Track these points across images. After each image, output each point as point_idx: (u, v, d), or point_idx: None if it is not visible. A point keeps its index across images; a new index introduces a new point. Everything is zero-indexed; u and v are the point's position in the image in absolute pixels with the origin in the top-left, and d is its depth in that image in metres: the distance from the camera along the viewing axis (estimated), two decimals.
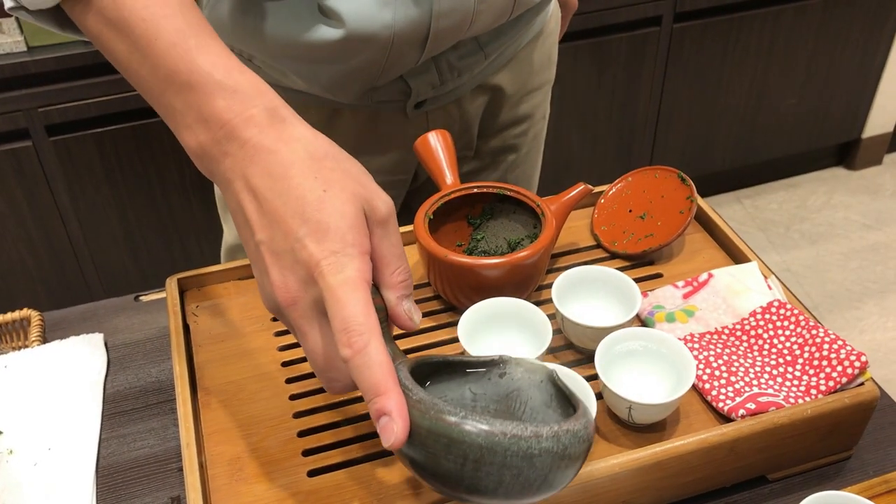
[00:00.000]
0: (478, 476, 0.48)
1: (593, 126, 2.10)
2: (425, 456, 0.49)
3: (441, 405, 0.48)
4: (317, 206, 0.51)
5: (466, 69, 0.87)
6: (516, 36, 0.90)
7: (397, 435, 0.47)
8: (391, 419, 0.48)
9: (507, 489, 0.48)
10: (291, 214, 0.51)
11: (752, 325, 0.73)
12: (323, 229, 0.50)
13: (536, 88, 0.99)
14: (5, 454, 0.71)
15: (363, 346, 0.48)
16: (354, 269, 0.49)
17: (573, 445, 0.49)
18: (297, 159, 0.52)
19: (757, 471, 0.68)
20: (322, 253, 0.49)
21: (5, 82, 1.56)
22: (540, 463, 0.48)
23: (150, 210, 1.79)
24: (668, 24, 2.00)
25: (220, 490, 0.63)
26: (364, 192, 0.53)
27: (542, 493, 0.50)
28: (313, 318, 0.52)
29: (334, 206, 0.51)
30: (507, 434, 0.47)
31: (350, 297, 0.48)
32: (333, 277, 0.49)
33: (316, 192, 0.51)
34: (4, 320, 0.85)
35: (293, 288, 0.51)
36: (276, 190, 0.51)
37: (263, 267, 0.52)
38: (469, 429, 0.47)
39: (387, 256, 0.53)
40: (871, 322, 2.11)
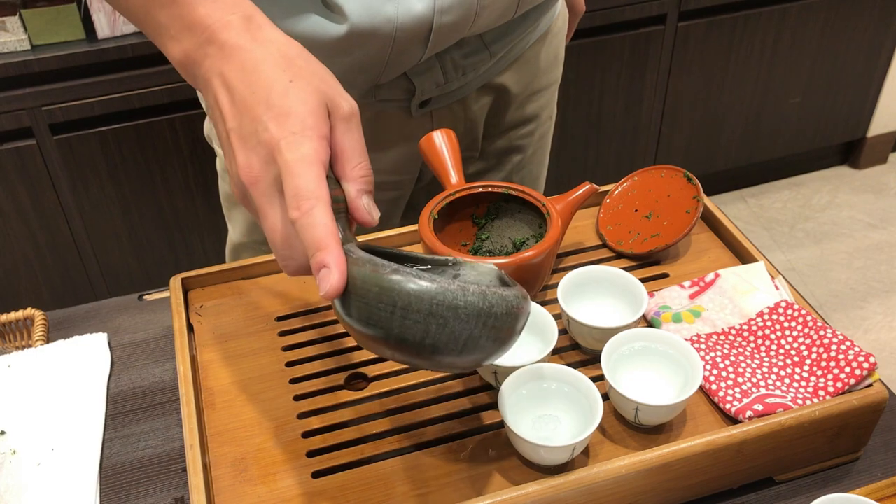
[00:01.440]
0: (405, 324, 0.49)
1: (597, 124, 2.10)
2: (359, 306, 0.51)
3: (377, 260, 0.51)
4: (282, 93, 0.54)
5: (471, 68, 0.86)
6: (522, 35, 0.89)
7: (333, 283, 0.51)
8: (329, 270, 0.51)
9: (434, 340, 0.50)
10: (258, 102, 0.55)
11: (760, 325, 0.73)
12: (285, 113, 0.54)
13: (543, 88, 0.98)
14: (8, 454, 0.71)
15: (309, 208, 0.51)
16: (311, 148, 0.53)
17: (499, 306, 0.50)
18: (269, 56, 0.56)
19: (764, 472, 0.67)
20: (282, 133, 0.53)
21: (9, 81, 1.56)
22: (465, 315, 0.49)
23: (153, 209, 1.79)
24: (672, 23, 1.99)
25: (224, 491, 0.63)
26: (328, 90, 0.57)
27: (467, 352, 0.51)
28: (273, 196, 0.55)
29: (297, 95, 0.55)
30: (435, 283, 0.49)
31: (304, 170, 0.52)
32: (290, 154, 0.53)
33: (282, 82, 0.55)
34: (8, 319, 0.85)
35: (256, 167, 0.54)
36: (246, 82, 0.56)
37: (232, 152, 0.56)
38: (398, 277, 0.49)
39: (348, 150, 0.56)
40: (875, 321, 2.10)
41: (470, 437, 0.66)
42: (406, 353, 0.51)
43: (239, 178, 0.55)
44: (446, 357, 0.51)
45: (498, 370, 0.67)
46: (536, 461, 0.63)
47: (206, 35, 0.58)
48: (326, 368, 0.73)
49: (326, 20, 0.74)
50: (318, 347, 0.75)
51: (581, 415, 0.64)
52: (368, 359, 0.73)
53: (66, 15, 1.58)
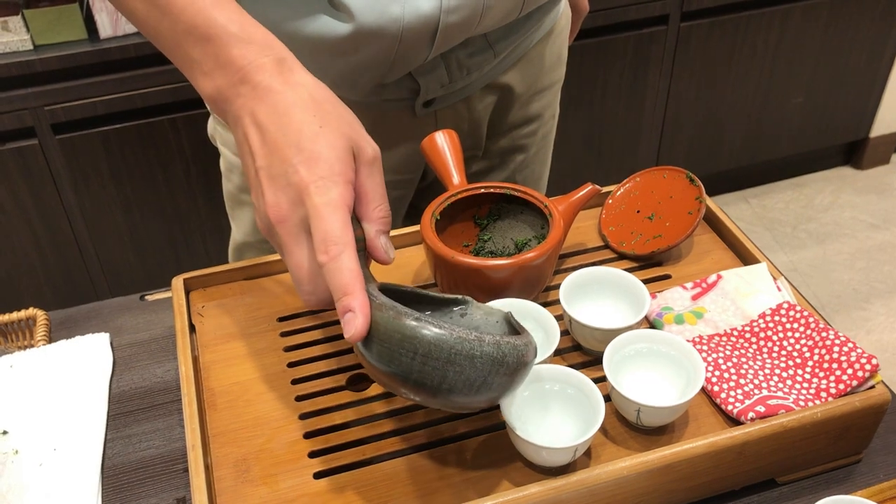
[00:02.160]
0: (424, 370, 0.53)
1: (600, 124, 2.09)
2: (381, 349, 0.54)
3: (400, 307, 0.55)
4: (312, 138, 0.57)
5: (476, 67, 0.86)
6: (526, 34, 0.89)
7: (357, 328, 0.54)
8: (354, 314, 0.54)
9: (451, 385, 0.54)
10: (289, 144, 0.57)
11: (762, 327, 0.73)
12: (315, 158, 0.56)
13: (546, 88, 0.98)
14: (10, 454, 0.71)
15: (338, 254, 0.54)
16: (338, 193, 0.56)
17: (511, 355, 0.55)
18: (299, 100, 0.59)
19: (766, 474, 0.67)
20: (311, 177, 0.56)
21: (11, 81, 1.56)
22: (480, 364, 0.53)
23: (155, 209, 1.79)
24: (675, 23, 1.99)
25: (226, 492, 0.63)
26: (355, 135, 0.60)
27: (481, 394, 0.55)
28: (299, 234, 0.57)
29: (327, 140, 0.57)
30: (454, 335, 0.53)
31: (331, 215, 0.55)
32: (319, 198, 0.55)
33: (313, 127, 0.58)
34: (10, 319, 0.85)
35: (284, 207, 0.57)
36: (278, 124, 0.58)
37: (260, 190, 0.58)
38: (420, 325, 0.53)
39: (370, 193, 0.59)
40: (878, 322, 2.10)
41: (472, 439, 0.66)
42: (422, 394, 0.55)
43: (266, 215, 0.58)
44: (460, 399, 0.55)
45: None
46: (538, 462, 0.63)
47: (239, 75, 0.60)
48: (328, 369, 0.73)
49: (333, 19, 0.74)
50: (321, 348, 0.75)
51: (583, 416, 0.64)
52: None
53: (68, 15, 1.58)
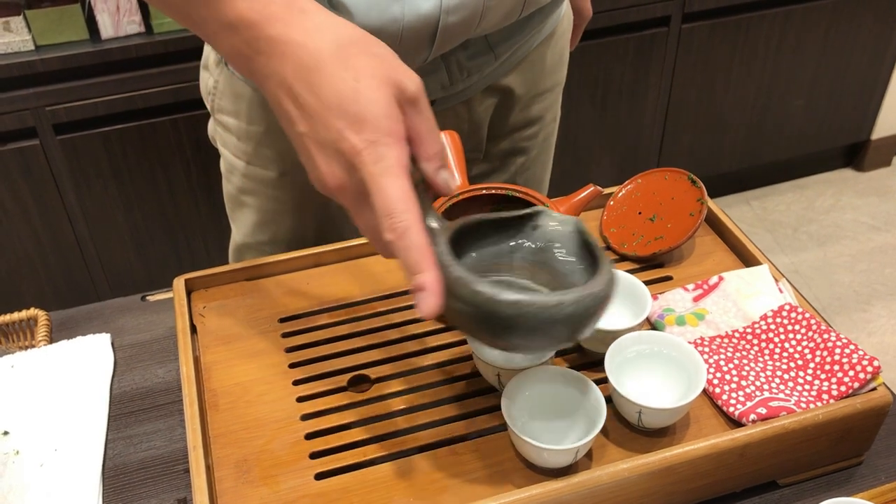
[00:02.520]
0: (510, 339, 0.54)
1: (601, 126, 2.09)
2: (463, 317, 0.54)
3: (475, 280, 0.53)
4: (352, 97, 0.53)
5: (476, 69, 0.86)
6: (527, 37, 0.89)
7: (431, 307, 0.52)
8: (426, 293, 0.52)
9: (539, 344, 0.56)
10: (328, 108, 0.54)
11: (763, 328, 0.73)
12: (360, 120, 0.53)
13: (547, 90, 0.98)
14: (11, 455, 0.71)
15: (403, 230, 0.52)
16: (393, 157, 0.53)
17: (594, 305, 0.54)
18: (324, 49, 0.55)
19: (767, 476, 0.67)
20: (362, 143, 0.53)
21: (13, 81, 1.56)
22: (563, 324, 0.53)
23: (156, 209, 1.79)
24: (676, 25, 1.99)
25: (227, 493, 0.63)
26: (393, 73, 0.55)
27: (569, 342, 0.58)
28: (362, 199, 0.55)
29: (368, 97, 0.54)
30: (535, 304, 0.52)
31: (390, 185, 0.52)
32: (374, 166, 0.53)
33: (349, 82, 0.54)
34: (11, 320, 0.85)
35: (339, 175, 0.55)
36: (310, 84, 0.55)
37: (310, 155, 0.56)
38: (500, 300, 0.52)
39: (421, 133, 0.56)
40: (879, 324, 2.10)
41: (473, 440, 0.66)
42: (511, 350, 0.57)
43: (324, 183, 0.56)
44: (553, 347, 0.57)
45: (501, 373, 0.67)
46: (540, 464, 0.63)
47: (252, 31, 0.57)
48: (330, 370, 0.73)
49: None
50: (322, 349, 0.75)
51: (584, 418, 0.64)
52: (371, 361, 0.73)
53: (69, 15, 1.58)
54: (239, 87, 0.86)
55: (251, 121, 0.87)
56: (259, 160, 0.89)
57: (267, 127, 0.86)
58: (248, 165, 0.90)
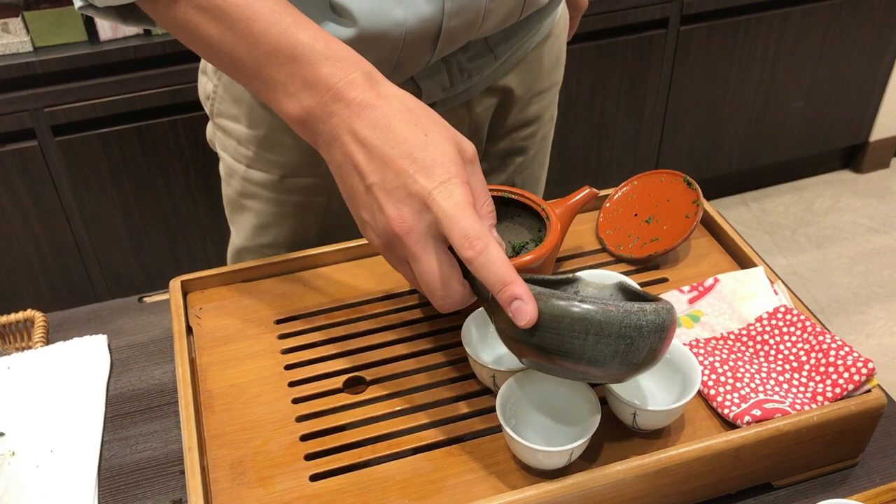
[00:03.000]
0: (598, 348, 0.55)
1: (599, 128, 2.10)
2: (551, 337, 0.56)
3: (556, 292, 0.57)
4: (422, 147, 0.58)
5: (476, 71, 0.87)
6: (525, 37, 0.90)
7: (531, 313, 0.55)
8: (523, 302, 0.55)
9: (622, 358, 0.56)
10: (400, 156, 0.58)
11: (759, 330, 0.73)
12: (430, 165, 0.57)
13: (545, 90, 0.99)
14: (7, 456, 0.71)
15: (484, 247, 0.55)
16: (461, 194, 0.57)
17: (668, 319, 0.57)
18: (396, 111, 0.60)
19: (762, 478, 0.67)
20: (433, 184, 0.57)
21: (11, 82, 1.57)
22: (647, 332, 0.56)
23: (155, 211, 1.79)
24: (674, 27, 1.99)
25: (222, 494, 0.63)
26: (454, 135, 0.60)
27: (646, 365, 0.58)
28: (427, 242, 0.58)
29: (436, 146, 0.58)
30: (620, 309, 0.55)
31: (464, 214, 0.56)
32: (446, 202, 0.56)
33: (419, 136, 0.59)
34: (8, 321, 0.85)
35: (408, 218, 0.58)
36: (383, 138, 0.59)
37: (378, 205, 0.59)
38: (588, 307, 0.55)
39: (476, 190, 0.60)
40: (877, 326, 2.10)
41: (468, 441, 0.66)
42: (596, 369, 0.57)
43: (390, 229, 0.58)
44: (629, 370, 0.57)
45: (496, 374, 0.67)
46: (534, 465, 0.63)
47: (330, 94, 0.60)
48: (325, 371, 0.73)
49: (335, 25, 0.74)
50: (317, 350, 0.75)
51: (579, 419, 0.64)
52: (367, 362, 0.73)
53: (68, 17, 1.58)
54: (239, 92, 0.86)
55: (252, 124, 0.87)
56: (260, 164, 0.89)
57: (268, 130, 0.86)
58: (248, 169, 0.90)
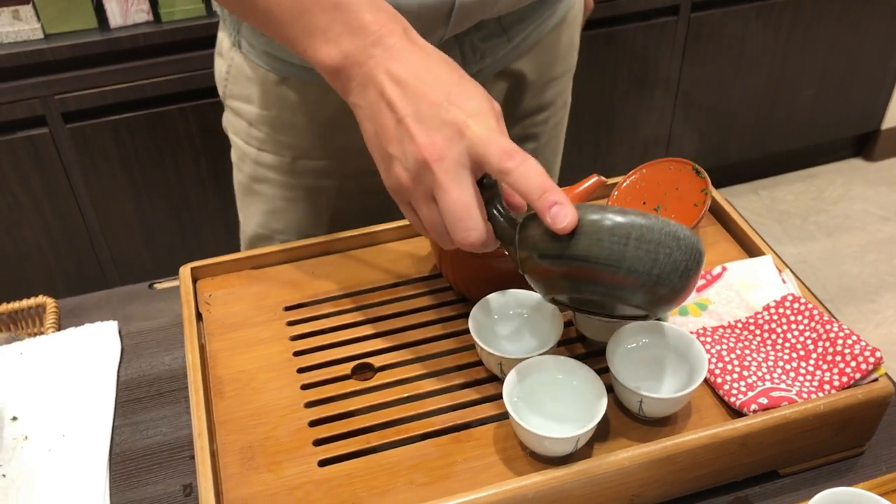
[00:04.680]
0: (637, 254, 0.55)
1: (608, 116, 2.09)
2: (590, 243, 0.56)
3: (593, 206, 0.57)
4: (457, 83, 0.60)
5: (489, 52, 0.86)
6: (539, 21, 0.89)
7: (571, 215, 0.56)
8: (562, 206, 0.56)
9: (661, 268, 0.55)
10: (435, 90, 0.59)
11: (766, 319, 0.73)
12: (465, 97, 0.59)
13: (559, 76, 0.98)
14: (20, 440, 0.72)
15: (523, 159, 0.57)
16: (496, 123, 0.59)
17: (699, 243, 0.57)
18: (433, 58, 0.62)
19: (768, 465, 0.67)
20: (468, 113, 0.58)
21: (22, 70, 1.57)
22: (685, 245, 0.56)
23: (165, 198, 1.80)
24: (685, 13, 1.98)
25: (232, 478, 0.64)
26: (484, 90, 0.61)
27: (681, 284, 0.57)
28: (458, 171, 0.58)
29: (472, 87, 0.60)
30: (658, 218, 0.56)
31: (502, 137, 0.58)
32: (480, 127, 0.58)
33: (454, 76, 0.61)
34: (20, 307, 0.86)
35: (440, 145, 0.58)
36: (418, 76, 0.60)
37: (408, 135, 0.59)
38: (630, 213, 0.56)
39: None
40: (887, 315, 2.09)
41: (475, 428, 0.67)
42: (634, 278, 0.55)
43: (420, 157, 0.58)
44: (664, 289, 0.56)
45: (503, 361, 0.67)
46: (540, 452, 0.63)
47: (371, 39, 0.61)
48: (334, 358, 0.73)
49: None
50: (326, 337, 0.75)
51: (585, 407, 0.64)
52: (375, 349, 0.74)
53: (78, 4, 1.59)
54: (253, 70, 0.86)
55: (264, 105, 0.87)
56: (271, 146, 0.89)
57: (279, 111, 0.86)
58: (259, 152, 0.90)
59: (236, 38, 0.87)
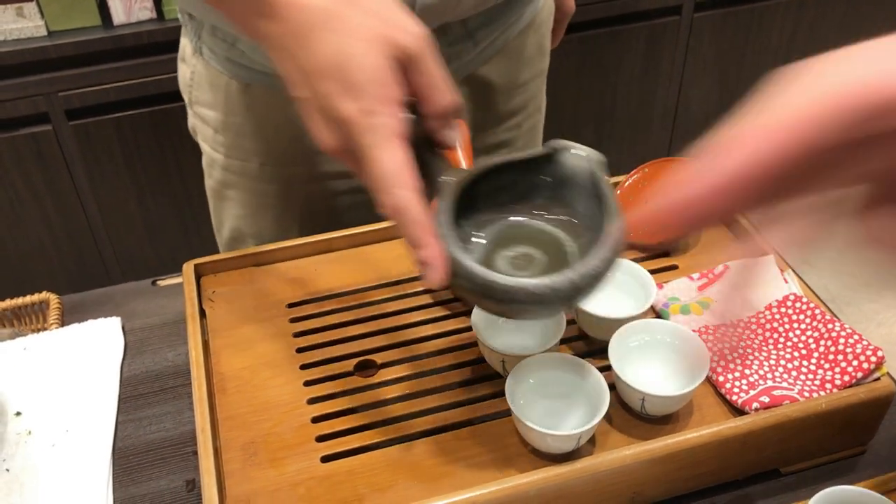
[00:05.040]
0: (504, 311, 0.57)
1: (611, 115, 2.09)
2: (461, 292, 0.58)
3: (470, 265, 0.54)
4: (347, 61, 0.53)
5: (455, 56, 0.85)
6: (506, 24, 0.88)
7: (437, 279, 0.53)
8: (431, 266, 0.53)
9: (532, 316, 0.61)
10: (321, 72, 0.53)
11: (768, 318, 0.73)
12: (352, 86, 0.52)
13: (527, 81, 0.96)
14: (24, 435, 0.72)
15: (398, 206, 0.52)
16: (386, 126, 0.52)
17: (589, 283, 0.54)
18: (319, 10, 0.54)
19: (770, 464, 0.67)
20: (353, 112, 0.52)
21: (26, 66, 1.57)
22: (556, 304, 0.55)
23: (168, 195, 1.80)
24: (688, 14, 1.98)
25: (234, 474, 0.64)
26: (390, 32, 0.54)
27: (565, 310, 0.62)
28: (358, 163, 0.54)
29: (360, 62, 0.52)
30: (527, 289, 0.53)
31: (383, 157, 0.52)
32: (365, 138, 0.52)
33: (342, 46, 0.53)
34: (24, 303, 0.86)
35: (337, 142, 0.55)
36: (305, 47, 0.54)
37: (311, 122, 0.56)
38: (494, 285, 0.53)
39: (423, 90, 0.55)
40: (889, 315, 2.09)
41: (477, 425, 0.67)
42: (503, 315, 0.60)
43: (325, 148, 0.56)
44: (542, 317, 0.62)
45: (506, 359, 0.67)
46: (543, 449, 0.63)
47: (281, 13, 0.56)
48: (336, 355, 0.73)
49: None
50: (329, 334, 0.75)
51: (588, 404, 0.64)
52: (378, 346, 0.74)
53: (81, 1, 1.59)
54: (216, 77, 0.85)
55: (229, 112, 0.86)
56: (238, 152, 0.88)
57: (245, 117, 0.85)
58: (227, 158, 0.89)
59: (197, 44, 0.86)
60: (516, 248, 0.61)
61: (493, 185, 0.61)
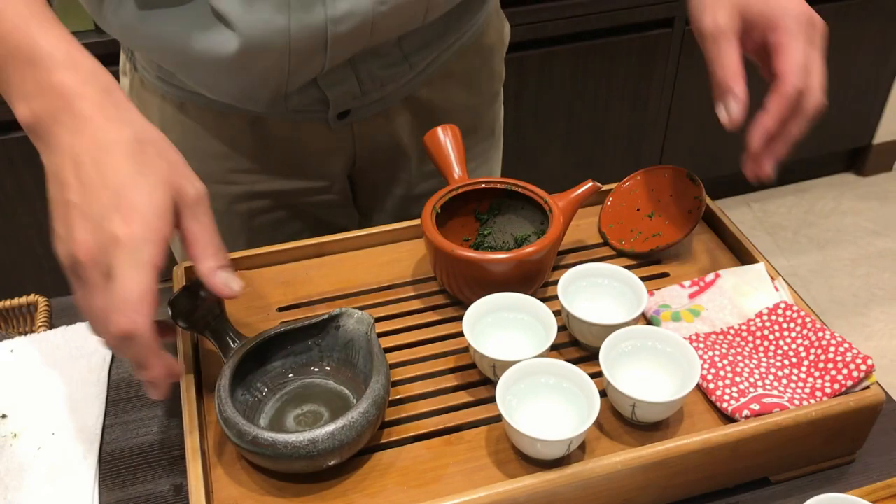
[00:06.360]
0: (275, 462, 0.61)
1: (603, 125, 2.10)
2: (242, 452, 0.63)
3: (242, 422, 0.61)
4: (131, 185, 0.55)
5: (390, 80, 0.85)
6: (443, 47, 0.87)
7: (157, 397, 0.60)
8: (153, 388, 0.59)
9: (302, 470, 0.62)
10: (106, 187, 0.55)
11: (758, 326, 0.73)
12: (132, 210, 0.54)
13: (475, 105, 0.95)
14: (10, 438, 0.72)
15: (131, 328, 0.54)
16: (149, 253, 0.54)
17: (350, 436, 0.60)
18: (122, 139, 0.57)
19: (760, 472, 0.67)
20: (125, 231, 0.54)
21: None
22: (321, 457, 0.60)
23: None
24: (680, 26, 1.99)
25: (222, 478, 0.64)
26: (177, 178, 0.58)
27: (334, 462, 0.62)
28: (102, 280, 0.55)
29: (146, 190, 0.55)
30: (289, 444, 0.59)
31: (134, 279, 0.54)
32: (126, 256, 0.54)
33: (132, 173, 0.56)
34: (11, 305, 0.86)
35: (93, 250, 0.54)
36: (97, 161, 0.56)
37: (70, 224, 0.55)
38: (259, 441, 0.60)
39: (196, 235, 0.59)
40: (877, 329, 2.10)
41: (467, 430, 0.67)
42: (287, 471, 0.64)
43: (73, 252, 0.55)
44: None
45: (497, 364, 0.67)
46: (533, 455, 0.63)
47: (62, 102, 0.57)
48: None
49: (221, 35, 0.72)
50: None
51: (578, 410, 0.64)
52: None
53: (75, 5, 1.58)
54: (150, 94, 0.85)
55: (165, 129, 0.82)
56: None
57: (181, 136, 0.85)
58: None
59: (132, 58, 0.85)
60: (305, 406, 0.68)
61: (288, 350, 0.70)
